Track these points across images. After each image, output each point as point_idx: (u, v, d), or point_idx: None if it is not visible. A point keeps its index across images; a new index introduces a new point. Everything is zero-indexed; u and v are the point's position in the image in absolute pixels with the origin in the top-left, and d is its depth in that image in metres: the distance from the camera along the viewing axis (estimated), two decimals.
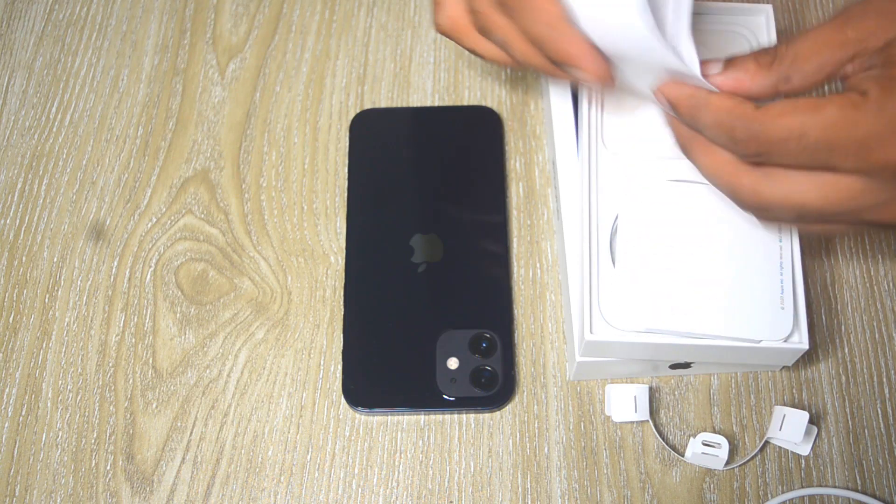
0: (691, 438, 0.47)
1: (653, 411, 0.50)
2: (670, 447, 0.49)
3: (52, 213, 0.56)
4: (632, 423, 0.49)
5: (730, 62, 0.40)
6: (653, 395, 0.50)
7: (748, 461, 0.49)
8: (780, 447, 0.49)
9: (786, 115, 0.37)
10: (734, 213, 0.44)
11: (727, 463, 0.48)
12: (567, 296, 0.50)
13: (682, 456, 0.48)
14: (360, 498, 0.49)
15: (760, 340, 0.45)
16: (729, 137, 0.39)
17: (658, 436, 0.49)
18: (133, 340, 0.52)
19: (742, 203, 0.41)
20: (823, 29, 0.38)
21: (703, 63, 0.40)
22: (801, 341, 0.45)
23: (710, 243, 0.46)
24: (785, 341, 0.45)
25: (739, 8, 0.51)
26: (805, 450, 0.49)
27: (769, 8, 0.51)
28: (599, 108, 0.49)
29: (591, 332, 0.45)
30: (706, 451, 0.47)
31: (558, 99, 0.54)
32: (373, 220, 0.55)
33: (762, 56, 0.39)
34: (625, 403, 0.48)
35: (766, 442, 0.49)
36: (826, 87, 0.52)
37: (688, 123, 0.41)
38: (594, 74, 0.41)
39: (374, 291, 0.52)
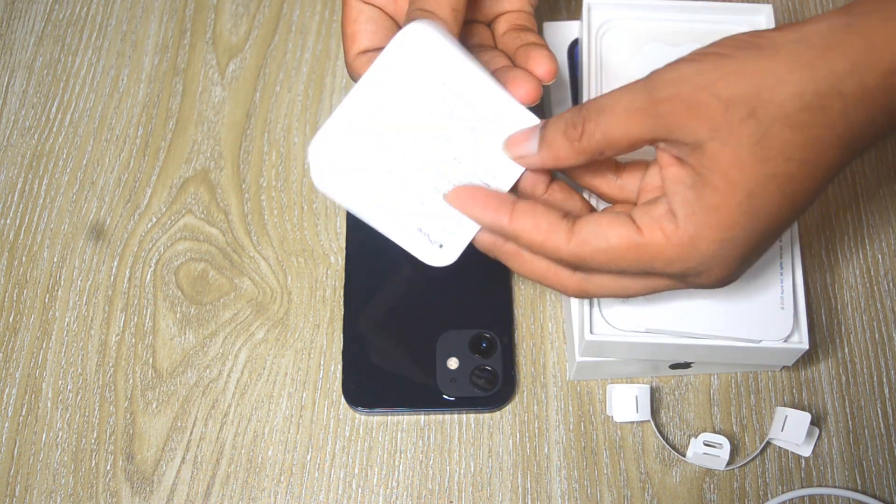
0: (692, 439, 0.47)
1: (653, 411, 0.50)
2: (671, 447, 0.49)
3: (52, 213, 0.56)
4: (632, 423, 0.49)
5: (542, 137, 0.39)
6: (653, 395, 0.50)
7: (749, 461, 0.49)
8: (780, 447, 0.49)
9: (599, 255, 0.38)
10: None
11: (728, 463, 0.48)
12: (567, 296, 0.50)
13: (684, 456, 0.48)
14: (360, 498, 0.49)
15: (760, 340, 0.45)
16: (549, 259, 0.39)
17: (660, 436, 0.49)
18: (133, 340, 0.52)
19: (565, 294, 0.43)
20: (632, 102, 0.36)
21: (522, 135, 0.40)
22: (801, 341, 0.45)
23: None
24: (785, 341, 0.45)
25: (739, 8, 0.51)
26: (806, 451, 0.48)
27: (769, 8, 0.51)
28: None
29: (591, 332, 0.45)
30: (707, 451, 0.47)
31: (558, 99, 0.54)
32: None
33: (571, 130, 0.38)
34: (626, 403, 0.48)
35: (768, 442, 0.49)
36: None
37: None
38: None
39: (374, 291, 0.52)
